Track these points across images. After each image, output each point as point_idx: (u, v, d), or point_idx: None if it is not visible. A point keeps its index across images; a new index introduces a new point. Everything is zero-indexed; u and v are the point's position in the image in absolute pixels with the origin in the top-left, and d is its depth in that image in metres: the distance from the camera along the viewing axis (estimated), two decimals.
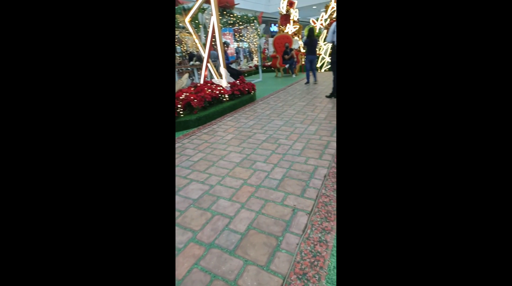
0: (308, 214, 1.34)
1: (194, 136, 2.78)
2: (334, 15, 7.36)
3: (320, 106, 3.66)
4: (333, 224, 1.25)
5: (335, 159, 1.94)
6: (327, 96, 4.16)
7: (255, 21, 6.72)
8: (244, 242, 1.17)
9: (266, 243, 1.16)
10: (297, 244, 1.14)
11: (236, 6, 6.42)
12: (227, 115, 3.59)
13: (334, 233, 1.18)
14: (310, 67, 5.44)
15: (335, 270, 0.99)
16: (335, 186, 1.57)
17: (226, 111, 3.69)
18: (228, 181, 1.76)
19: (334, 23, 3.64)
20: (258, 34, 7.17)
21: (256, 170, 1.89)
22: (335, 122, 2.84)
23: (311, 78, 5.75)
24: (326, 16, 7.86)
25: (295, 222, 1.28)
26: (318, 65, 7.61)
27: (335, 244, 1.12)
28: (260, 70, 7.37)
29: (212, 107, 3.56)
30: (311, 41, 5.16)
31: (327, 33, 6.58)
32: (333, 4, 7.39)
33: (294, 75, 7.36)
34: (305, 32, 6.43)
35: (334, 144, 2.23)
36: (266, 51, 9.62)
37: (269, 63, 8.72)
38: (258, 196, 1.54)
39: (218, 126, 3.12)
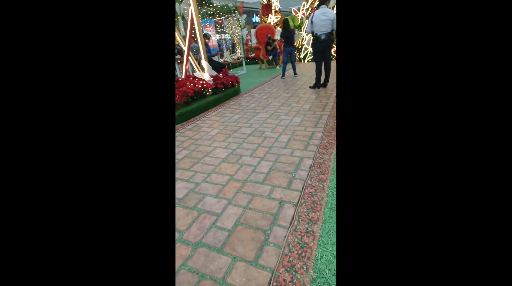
0: (294, 205, 1.35)
1: (178, 133, 2.70)
2: (315, 4, 7.32)
3: (304, 97, 3.67)
4: (319, 214, 1.26)
5: (320, 149, 1.96)
6: (310, 87, 4.17)
7: (236, 11, 6.54)
8: (232, 239, 1.16)
9: (254, 238, 1.16)
10: (285, 236, 1.14)
11: None
12: (212, 110, 3.51)
13: (320, 223, 1.20)
14: (289, 59, 5.29)
15: (322, 260, 1.01)
16: (320, 176, 1.59)
17: (210, 106, 3.60)
18: (214, 177, 1.73)
19: (312, 13, 3.60)
20: (240, 25, 6.99)
21: (243, 164, 1.87)
22: (319, 113, 2.86)
23: (291, 72, 5.58)
24: (307, 6, 7.79)
25: (282, 215, 1.29)
26: (301, 55, 7.60)
27: (322, 234, 1.13)
28: (244, 62, 7.25)
29: (195, 102, 3.46)
30: (287, 32, 4.98)
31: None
32: None
33: (278, 67, 7.30)
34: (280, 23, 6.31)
35: (319, 135, 2.25)
36: (249, 43, 9.45)
37: (252, 55, 8.58)
38: (245, 191, 1.53)
39: (202, 121, 3.05)
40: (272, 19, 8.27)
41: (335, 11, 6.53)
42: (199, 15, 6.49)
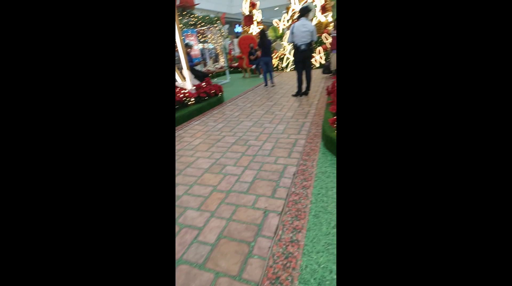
0: (279, 214, 1.33)
1: None
2: (295, 16, 7.62)
3: (287, 105, 3.74)
4: (304, 222, 1.26)
5: (303, 156, 1.98)
6: (293, 95, 4.27)
7: (218, 21, 6.62)
8: (215, 253, 1.12)
9: (238, 251, 1.12)
10: (269, 247, 1.12)
11: (197, 6, 6.24)
12: (194, 119, 3.46)
13: (305, 231, 1.19)
14: (267, 69, 5.35)
15: (307, 269, 0.99)
16: (304, 183, 1.60)
17: (192, 115, 3.54)
18: (196, 189, 1.67)
19: (293, 25, 3.74)
20: (222, 35, 7.07)
21: (226, 174, 1.83)
22: (302, 120, 2.92)
23: (268, 82, 5.58)
24: (288, 17, 8.10)
25: (266, 225, 1.26)
26: (284, 64, 7.80)
27: (306, 243, 1.12)
28: (227, 71, 7.29)
29: (177, 111, 3.39)
30: (263, 42, 5.12)
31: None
32: (293, 6, 7.64)
33: (261, 76, 7.42)
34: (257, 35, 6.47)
35: (302, 142, 2.28)
36: (233, 52, 9.56)
37: (236, 64, 8.68)
38: (228, 202, 1.49)
39: (184, 131, 2.98)
40: (255, 29, 8.47)
41: (314, 23, 6.84)
42: (181, 25, 6.47)
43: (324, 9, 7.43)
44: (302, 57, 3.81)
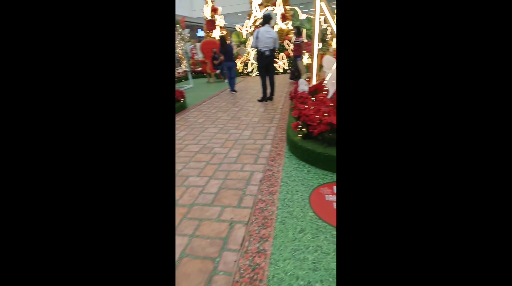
0: (245, 224, 1.30)
1: None
2: (257, 22, 7.80)
3: (253, 110, 3.76)
4: (270, 230, 1.24)
5: (269, 162, 1.99)
6: (258, 100, 4.32)
7: (177, 25, 6.39)
8: (176, 275, 1.02)
9: (201, 269, 1.05)
10: (235, 261, 1.07)
11: None
12: None
13: (271, 240, 1.18)
14: (230, 74, 5.38)
15: (274, 279, 0.97)
16: (270, 189, 1.60)
17: None
18: None
19: (257, 30, 3.81)
20: (183, 39, 6.85)
21: (189, 186, 1.73)
22: (267, 125, 2.95)
23: (239, 85, 5.66)
24: (250, 23, 8.24)
25: (232, 237, 1.21)
26: (249, 69, 7.89)
27: (273, 251, 1.11)
28: (190, 76, 7.05)
29: None
30: (224, 48, 5.23)
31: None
32: (255, 13, 7.82)
33: (226, 81, 7.37)
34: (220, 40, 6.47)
35: (268, 147, 2.30)
36: (196, 57, 9.33)
37: (199, 69, 8.47)
38: (191, 216, 1.40)
39: None
40: (217, 34, 8.41)
41: (276, 29, 7.08)
42: None
43: (284, 18, 7.78)
44: (266, 62, 3.90)
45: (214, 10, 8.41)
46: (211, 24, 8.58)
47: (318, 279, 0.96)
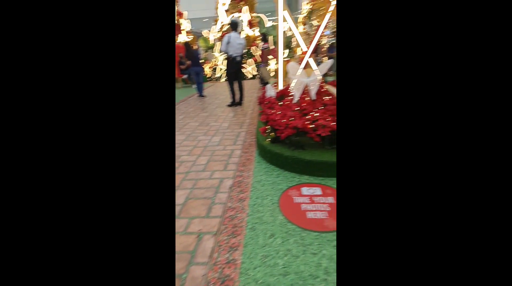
0: (214, 235, 1.25)
1: None
2: (225, 28, 7.82)
3: (222, 115, 3.71)
4: (241, 238, 1.21)
5: (239, 167, 1.97)
6: (228, 105, 4.29)
7: None
8: None
9: None
10: (203, 275, 1.02)
11: None
12: None
13: (242, 248, 1.15)
14: (197, 79, 5.31)
15: None
16: (240, 196, 1.57)
17: None
18: None
19: (228, 35, 3.81)
20: None
21: None
22: (237, 130, 2.94)
23: (209, 90, 5.60)
24: (217, 29, 8.22)
25: (200, 250, 1.16)
26: (218, 75, 7.83)
27: (243, 260, 1.08)
28: None
29: None
30: (190, 53, 5.28)
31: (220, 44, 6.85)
32: (222, 19, 7.84)
33: (194, 86, 7.19)
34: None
35: (238, 152, 2.27)
36: None
37: None
38: None
39: None
40: (183, 38, 8.20)
41: (243, 35, 7.17)
42: None
43: (251, 25, 7.93)
44: (236, 68, 3.93)
45: (179, 15, 8.20)
46: (176, 29, 8.33)
47: (289, 283, 0.96)
